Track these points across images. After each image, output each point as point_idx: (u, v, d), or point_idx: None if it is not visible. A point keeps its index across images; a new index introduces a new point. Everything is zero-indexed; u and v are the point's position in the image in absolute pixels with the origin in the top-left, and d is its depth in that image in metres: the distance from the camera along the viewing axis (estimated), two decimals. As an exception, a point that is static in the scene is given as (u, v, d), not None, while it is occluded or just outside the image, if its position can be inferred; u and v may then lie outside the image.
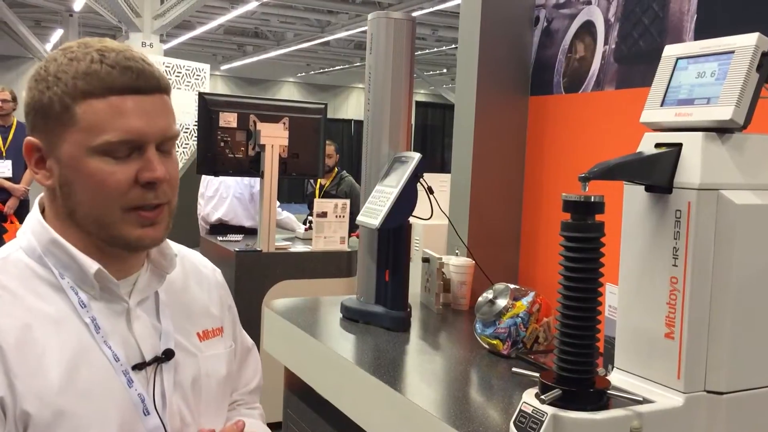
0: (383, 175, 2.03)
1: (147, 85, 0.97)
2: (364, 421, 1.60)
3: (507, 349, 1.73)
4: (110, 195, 0.95)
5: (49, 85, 0.95)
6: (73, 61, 0.95)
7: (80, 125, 0.94)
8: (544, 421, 1.05)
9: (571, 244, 1.09)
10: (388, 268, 1.99)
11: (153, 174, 0.96)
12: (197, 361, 1.08)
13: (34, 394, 0.92)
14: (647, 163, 1.14)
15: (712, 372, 1.13)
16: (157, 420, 1.00)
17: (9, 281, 0.96)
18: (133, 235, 0.98)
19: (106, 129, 0.94)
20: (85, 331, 0.97)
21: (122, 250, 1.01)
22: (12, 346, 0.92)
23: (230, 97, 4.04)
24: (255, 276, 3.63)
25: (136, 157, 0.96)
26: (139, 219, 0.98)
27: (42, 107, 0.96)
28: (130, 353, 1.00)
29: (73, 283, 0.99)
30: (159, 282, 1.07)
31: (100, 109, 0.94)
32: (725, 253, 1.11)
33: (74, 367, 0.95)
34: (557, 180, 2.23)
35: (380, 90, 2.07)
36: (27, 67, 16.80)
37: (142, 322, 1.03)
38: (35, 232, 1.01)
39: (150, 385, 1.01)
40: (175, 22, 10.05)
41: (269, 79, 20.27)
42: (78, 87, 0.94)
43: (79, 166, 0.95)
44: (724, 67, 1.13)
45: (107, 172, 0.95)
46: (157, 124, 0.97)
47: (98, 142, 0.94)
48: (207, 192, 4.69)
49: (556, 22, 2.25)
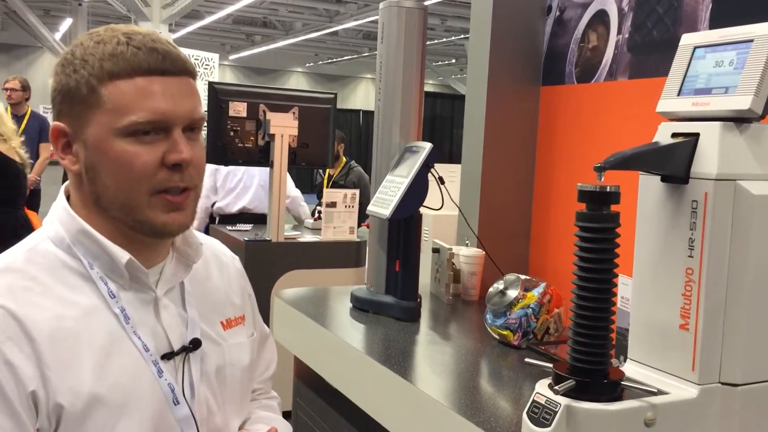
0: (394, 165, 2.02)
1: (173, 67, 0.97)
2: (374, 411, 1.60)
3: (517, 340, 1.72)
4: (136, 177, 0.94)
5: (75, 68, 0.95)
6: (100, 44, 0.95)
7: (106, 107, 0.94)
8: (557, 412, 1.04)
9: (587, 235, 1.08)
10: (399, 258, 1.99)
11: (179, 155, 0.95)
12: (222, 349, 1.09)
13: (67, 386, 0.91)
14: (664, 153, 1.13)
15: (727, 364, 1.12)
16: (187, 409, 1.00)
17: (38, 272, 0.96)
18: (159, 219, 0.97)
19: (132, 110, 0.93)
20: (115, 322, 0.97)
21: (149, 237, 1.00)
22: (45, 338, 0.91)
23: (240, 87, 4.03)
24: (264, 266, 3.63)
25: (163, 139, 0.96)
26: (166, 203, 0.97)
27: (69, 91, 0.95)
28: (159, 343, 1.00)
29: (102, 274, 0.98)
30: (185, 271, 1.07)
31: (127, 90, 0.94)
32: (742, 244, 1.10)
33: (106, 358, 0.94)
34: (568, 171, 2.21)
35: (391, 79, 2.06)
36: (36, 57, 16.85)
37: (170, 312, 1.03)
38: (63, 222, 1.00)
39: (179, 375, 1.01)
40: (183, 11, 10.04)
41: (278, 68, 20.25)
42: (104, 68, 0.94)
43: (105, 148, 0.95)
44: (742, 56, 1.12)
45: (133, 154, 0.94)
46: (183, 106, 0.97)
47: (124, 123, 0.94)
48: (228, 184, 4.61)
49: (568, 11, 2.23)
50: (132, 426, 0.94)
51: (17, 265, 0.96)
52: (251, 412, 1.18)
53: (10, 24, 15.18)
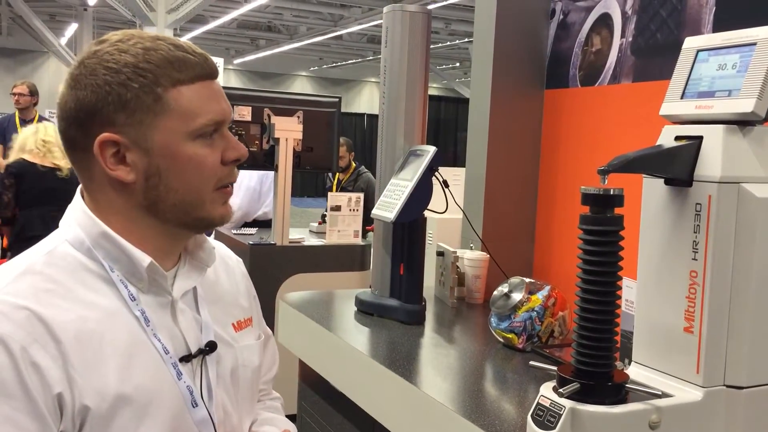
0: (398, 168, 2.03)
1: (215, 71, 1.03)
2: (379, 414, 1.60)
3: (522, 343, 1.72)
4: (207, 176, 1.00)
5: (130, 77, 0.95)
6: (150, 51, 0.96)
7: (174, 112, 0.97)
8: (562, 415, 1.04)
9: (590, 238, 1.08)
10: (403, 261, 1.99)
11: (238, 152, 1.02)
12: (234, 351, 1.10)
13: (93, 387, 0.91)
14: (667, 156, 1.13)
15: (731, 366, 1.12)
16: (205, 412, 1.01)
17: (59, 274, 0.96)
18: (218, 212, 1.03)
19: (199, 114, 0.98)
20: (136, 324, 0.97)
21: (192, 232, 1.06)
22: (71, 339, 0.91)
23: (245, 91, 4.05)
24: (269, 269, 3.63)
25: (218, 138, 1.01)
26: (223, 197, 1.03)
27: (125, 101, 0.95)
28: (177, 346, 1.01)
29: (122, 276, 0.98)
30: (199, 275, 1.08)
31: (191, 95, 0.98)
32: (746, 247, 1.10)
33: (128, 360, 0.95)
34: (572, 174, 2.21)
35: (395, 83, 2.06)
36: (42, 62, 16.93)
37: (186, 315, 1.04)
38: (82, 225, 1.00)
39: (197, 377, 1.02)
40: (188, 16, 10.07)
41: (282, 73, 20.29)
42: (167, 75, 0.96)
43: (175, 152, 0.98)
44: (746, 59, 1.12)
45: (203, 155, 0.99)
46: (227, 106, 1.03)
47: (195, 126, 0.98)
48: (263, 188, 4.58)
49: (572, 14, 2.24)
50: (153, 428, 0.95)
51: (37, 267, 0.96)
52: (257, 413, 1.19)
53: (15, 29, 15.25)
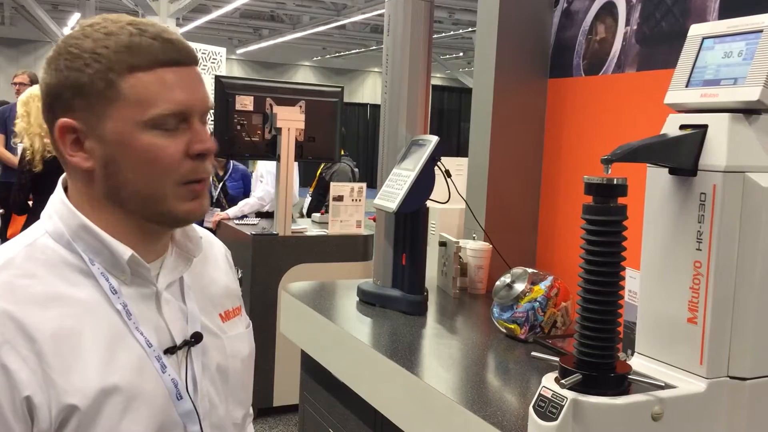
0: (400, 158, 2.02)
1: (186, 57, 0.97)
2: (381, 404, 1.60)
3: (524, 334, 1.72)
4: (164, 169, 0.94)
5: (87, 62, 0.92)
6: (110, 36, 0.93)
7: (128, 100, 0.93)
8: (564, 406, 1.03)
9: (593, 228, 1.07)
10: (405, 251, 1.99)
11: (204, 145, 0.96)
12: (222, 342, 1.08)
13: (74, 386, 0.90)
14: (672, 145, 1.12)
15: (735, 357, 1.11)
16: (190, 404, 0.99)
17: (38, 268, 0.94)
18: (182, 209, 0.97)
19: (156, 102, 0.93)
20: (118, 318, 0.96)
21: (166, 227, 1.01)
22: (48, 338, 0.90)
23: (247, 80, 4.04)
24: (271, 259, 3.63)
25: (184, 129, 0.96)
26: (190, 193, 0.97)
27: (80, 86, 0.93)
28: (161, 338, 0.99)
29: (103, 269, 0.97)
30: (186, 265, 1.06)
31: (148, 82, 0.93)
32: (751, 237, 1.09)
33: (110, 355, 0.93)
34: (576, 164, 2.20)
35: (398, 72, 2.05)
36: (44, 51, 16.88)
37: (171, 306, 1.02)
38: (62, 217, 0.98)
39: (182, 370, 1.00)
40: (191, 5, 10.05)
41: (285, 62, 20.22)
42: (122, 61, 0.92)
43: (128, 141, 0.93)
44: (751, 47, 1.10)
45: (160, 146, 0.94)
46: (199, 95, 0.97)
47: (149, 115, 0.93)
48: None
49: (576, 2, 2.22)
50: (137, 421, 0.94)
51: (17, 261, 0.94)
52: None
53: (18, 19, 15.22)
